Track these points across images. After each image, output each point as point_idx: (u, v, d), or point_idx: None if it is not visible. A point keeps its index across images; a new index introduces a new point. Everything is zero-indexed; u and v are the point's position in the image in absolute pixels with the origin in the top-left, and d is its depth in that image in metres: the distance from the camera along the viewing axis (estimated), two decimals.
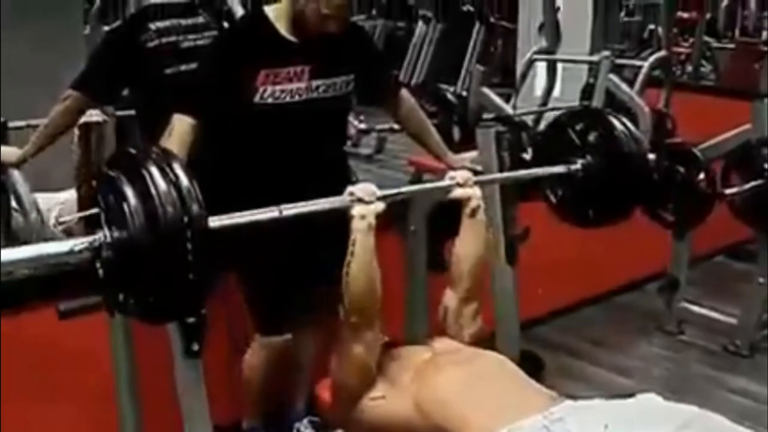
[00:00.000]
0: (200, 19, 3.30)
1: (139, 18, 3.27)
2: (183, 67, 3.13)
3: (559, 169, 2.83)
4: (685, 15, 8.69)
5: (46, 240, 3.26)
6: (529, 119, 6.20)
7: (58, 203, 3.77)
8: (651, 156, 2.89)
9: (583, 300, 4.60)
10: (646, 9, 9.58)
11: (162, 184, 1.78)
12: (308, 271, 2.87)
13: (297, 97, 2.77)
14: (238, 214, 2.13)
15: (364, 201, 2.31)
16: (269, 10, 2.82)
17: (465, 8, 8.91)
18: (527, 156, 4.11)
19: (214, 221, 1.94)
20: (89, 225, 1.91)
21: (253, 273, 2.90)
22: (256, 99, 2.73)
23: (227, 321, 3.08)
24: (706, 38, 8.73)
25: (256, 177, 2.81)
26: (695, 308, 4.43)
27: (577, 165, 2.82)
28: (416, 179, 4.12)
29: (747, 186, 4.00)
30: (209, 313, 2.24)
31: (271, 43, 2.78)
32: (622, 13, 9.71)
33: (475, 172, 3.10)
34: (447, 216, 3.42)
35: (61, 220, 1.85)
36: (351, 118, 5.76)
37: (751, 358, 4.17)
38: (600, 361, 4.14)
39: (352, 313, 2.29)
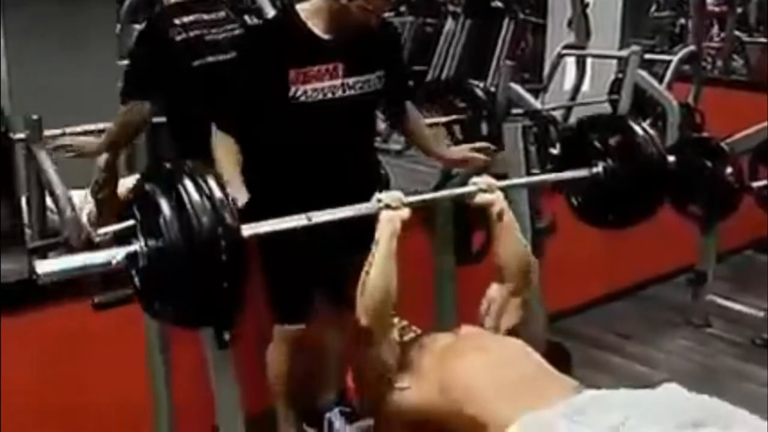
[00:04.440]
0: (222, 14, 3.36)
1: (164, 15, 3.34)
2: (210, 59, 3.19)
3: (581, 172, 2.86)
4: (716, 9, 8.64)
5: (80, 237, 3.37)
6: (558, 114, 6.22)
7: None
8: (671, 158, 2.91)
9: (612, 293, 4.62)
10: (677, 3, 9.52)
11: (196, 196, 1.83)
12: (328, 259, 2.88)
13: (331, 95, 2.76)
14: (269, 222, 2.18)
15: (390, 207, 2.36)
16: (301, 8, 2.81)
17: (494, 4, 8.89)
18: (555, 151, 4.15)
19: (247, 230, 1.98)
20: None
21: (272, 259, 2.89)
22: (289, 97, 2.72)
23: (255, 311, 3.12)
24: (738, 32, 8.67)
25: (288, 175, 2.82)
26: (723, 301, 4.45)
27: (599, 168, 2.85)
28: (446, 173, 4.14)
29: None
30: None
31: (303, 40, 2.77)
32: (653, 8, 9.67)
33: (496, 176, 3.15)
34: (474, 209, 3.48)
35: (100, 232, 1.88)
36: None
37: None
38: (627, 354, 4.17)
39: (365, 315, 2.32)
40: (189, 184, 1.85)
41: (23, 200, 3.78)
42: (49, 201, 3.54)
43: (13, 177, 3.83)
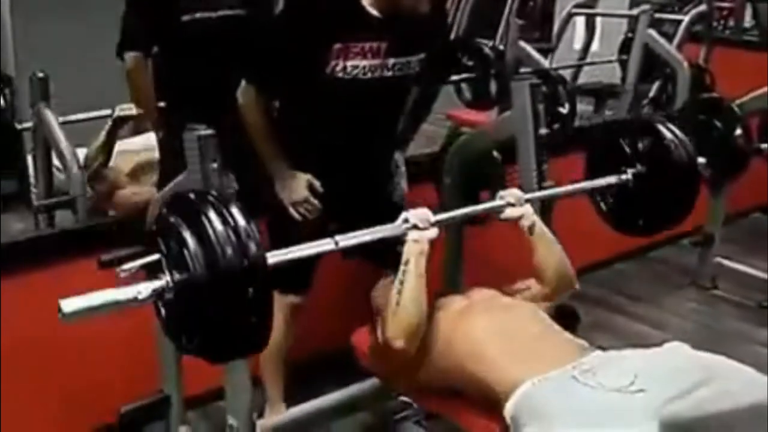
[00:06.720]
0: None
1: None
2: (198, 15, 3.28)
3: (610, 179, 2.82)
4: None
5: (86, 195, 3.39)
6: (567, 74, 6.18)
7: None
8: (701, 160, 2.86)
9: (619, 254, 4.62)
10: None
11: (220, 227, 1.80)
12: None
13: (369, 74, 2.69)
14: (295, 248, 2.11)
15: (418, 227, 2.31)
16: None
17: None
18: (563, 110, 4.12)
19: (272, 257, 1.96)
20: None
21: (277, 225, 2.88)
22: (327, 71, 2.64)
23: None
24: None
25: (315, 136, 2.79)
26: (730, 264, 4.44)
27: (628, 175, 2.81)
28: (453, 133, 4.12)
29: None
30: None
31: (352, 15, 2.67)
32: None
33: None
34: (482, 168, 3.46)
35: (124, 268, 1.87)
36: None
37: None
38: (634, 315, 4.19)
39: (398, 339, 2.28)
40: (212, 214, 1.82)
41: (29, 158, 3.78)
42: (55, 159, 3.55)
43: (19, 135, 3.84)
